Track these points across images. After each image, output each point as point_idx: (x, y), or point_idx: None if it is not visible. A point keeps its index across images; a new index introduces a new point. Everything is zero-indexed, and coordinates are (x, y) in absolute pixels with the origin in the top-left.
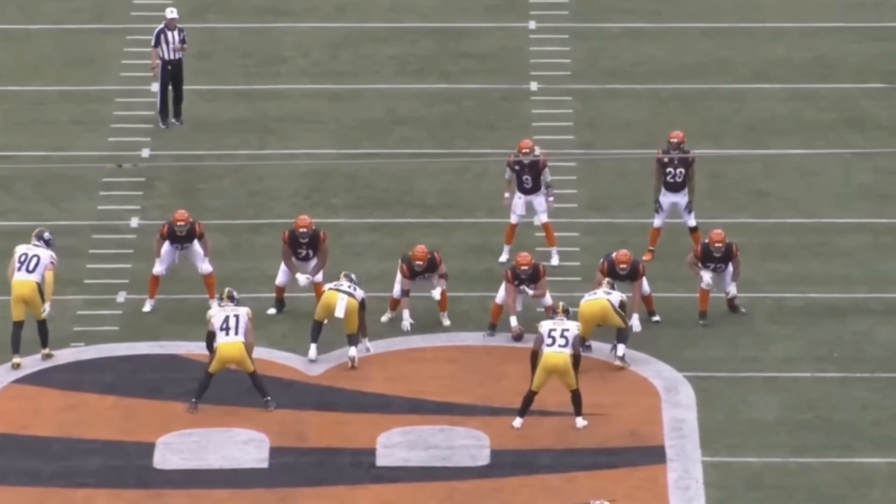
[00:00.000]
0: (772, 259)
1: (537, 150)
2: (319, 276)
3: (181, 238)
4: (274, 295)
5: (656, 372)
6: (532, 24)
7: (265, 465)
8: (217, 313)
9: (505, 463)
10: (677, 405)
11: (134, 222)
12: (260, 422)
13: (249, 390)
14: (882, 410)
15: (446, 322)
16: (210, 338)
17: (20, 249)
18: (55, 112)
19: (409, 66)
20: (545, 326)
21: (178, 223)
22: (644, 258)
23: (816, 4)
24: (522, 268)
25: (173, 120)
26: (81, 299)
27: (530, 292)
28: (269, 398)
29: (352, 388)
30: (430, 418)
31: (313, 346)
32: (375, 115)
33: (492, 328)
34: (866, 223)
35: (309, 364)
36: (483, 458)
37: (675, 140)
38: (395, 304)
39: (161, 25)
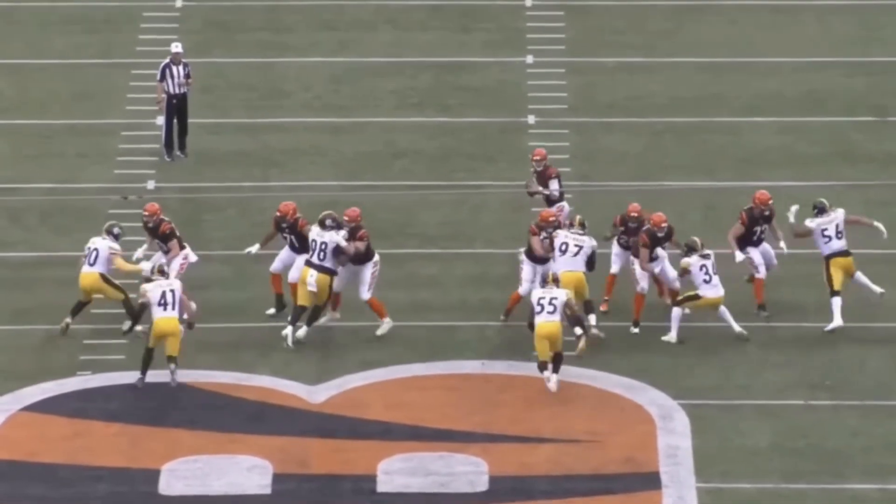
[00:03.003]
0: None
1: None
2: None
3: (151, 230)
4: (273, 292)
5: (651, 399)
6: (529, 59)
7: (268, 491)
8: (152, 288)
9: (503, 489)
10: (672, 432)
11: (139, 253)
12: (263, 449)
13: (252, 418)
14: (873, 438)
15: (383, 329)
16: (141, 309)
17: (90, 243)
18: (62, 145)
19: (409, 100)
20: (535, 295)
21: (145, 213)
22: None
23: (807, 40)
24: (551, 219)
25: (178, 152)
26: (88, 328)
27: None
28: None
29: (353, 416)
30: (429, 445)
31: (289, 329)
32: (376, 148)
33: (506, 314)
34: (857, 254)
35: (311, 392)
36: (482, 485)
37: (635, 214)
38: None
39: (166, 60)
